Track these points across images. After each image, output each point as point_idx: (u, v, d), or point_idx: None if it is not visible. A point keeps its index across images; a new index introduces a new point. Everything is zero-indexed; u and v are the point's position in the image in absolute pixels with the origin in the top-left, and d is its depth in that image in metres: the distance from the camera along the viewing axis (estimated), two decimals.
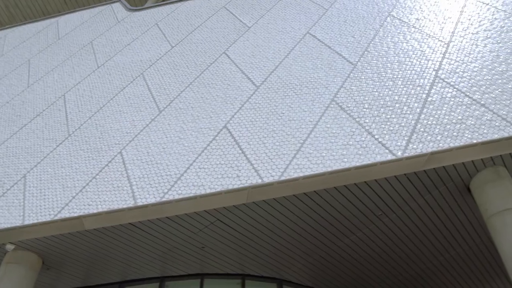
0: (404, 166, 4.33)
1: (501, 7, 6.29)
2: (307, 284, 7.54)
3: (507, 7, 6.26)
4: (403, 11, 6.49)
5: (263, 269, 6.86)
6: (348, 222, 6.01)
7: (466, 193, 5.78)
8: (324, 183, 4.28)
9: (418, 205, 5.90)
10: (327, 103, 4.90)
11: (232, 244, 6.03)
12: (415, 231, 6.52)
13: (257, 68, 5.66)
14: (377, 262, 7.23)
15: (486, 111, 4.59)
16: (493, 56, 5.36)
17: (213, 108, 5.08)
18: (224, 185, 4.11)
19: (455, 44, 5.63)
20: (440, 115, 4.58)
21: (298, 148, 4.36)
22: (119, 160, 4.86)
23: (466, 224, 6.55)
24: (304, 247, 6.42)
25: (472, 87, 4.93)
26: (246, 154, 4.39)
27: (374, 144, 4.32)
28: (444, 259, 7.46)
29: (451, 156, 4.38)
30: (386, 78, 5.16)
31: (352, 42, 5.90)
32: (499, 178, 5.25)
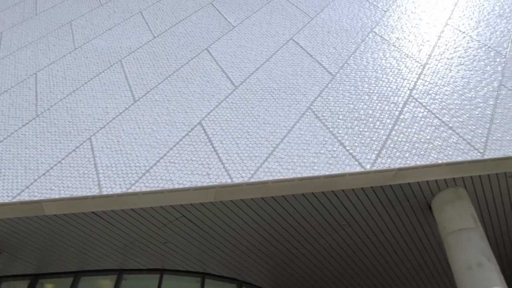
0: (371, 179, 4.43)
1: (475, 37, 6.57)
2: (266, 287, 7.58)
3: (481, 38, 6.55)
4: (385, 29, 6.66)
5: (223, 269, 6.85)
6: (312, 229, 6.10)
7: (427, 210, 5.99)
8: (293, 189, 4.32)
9: (381, 218, 6.06)
10: (303, 110, 4.95)
11: (195, 241, 5.98)
12: (376, 243, 6.69)
13: (237, 68, 5.66)
14: (336, 271, 7.36)
15: (453, 134, 4.77)
16: (464, 82, 5.59)
17: (189, 104, 5.03)
18: (193, 181, 4.08)
19: (431, 66, 5.83)
20: (410, 133, 4.72)
21: (270, 152, 4.39)
22: (87, 147, 4.73)
23: (424, 240, 6.78)
24: (267, 250, 6.46)
25: (443, 109, 5.12)
26: (218, 152, 4.37)
27: (345, 155, 4.41)
28: (400, 271, 7.69)
29: (416, 174, 4.52)
30: (363, 92, 5.28)
31: (333, 53, 6.00)
32: (459, 198, 5.47)
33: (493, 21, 7.01)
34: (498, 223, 6.68)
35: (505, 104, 5.25)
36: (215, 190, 4.11)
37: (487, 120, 4.98)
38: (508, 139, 4.75)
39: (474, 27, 6.84)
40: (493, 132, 4.83)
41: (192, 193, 4.10)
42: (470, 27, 6.85)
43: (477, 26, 6.87)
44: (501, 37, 6.60)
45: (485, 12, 7.28)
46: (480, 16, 7.15)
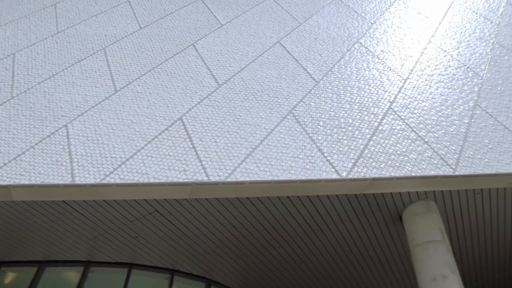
0: (346, 187, 4.50)
1: (456, 57, 6.77)
2: (235, 287, 7.57)
3: (461, 58, 6.76)
4: (371, 41, 6.78)
5: (193, 267, 6.80)
6: (285, 233, 6.13)
7: (398, 221, 6.12)
8: (269, 191, 4.34)
9: (353, 225, 6.15)
10: (284, 114, 4.98)
11: (166, 237, 5.92)
12: (346, 250, 6.79)
13: (222, 66, 5.64)
14: (305, 275, 7.43)
15: (428, 148, 4.90)
16: (442, 99, 5.75)
17: (171, 98, 4.98)
18: (169, 177, 4.04)
19: (412, 81, 5.97)
20: (387, 145, 4.82)
21: (249, 153, 4.39)
22: (63, 133, 4.61)
23: (393, 249, 6.93)
24: (238, 251, 6.46)
25: (420, 124, 5.25)
26: (196, 149, 4.34)
27: (322, 161, 4.46)
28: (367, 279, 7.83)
29: (390, 185, 4.62)
30: (344, 101, 5.35)
31: (318, 60, 6.07)
32: (429, 211, 5.62)
33: (473, 43, 7.25)
34: (463, 237, 6.89)
35: (479, 123, 5.43)
36: (190, 187, 4.08)
37: (461, 138, 5.14)
38: (479, 157, 4.91)
39: (455, 47, 7.05)
40: (466, 149, 4.99)
41: (167, 188, 4.06)
42: (452, 46, 7.05)
43: (458, 46, 7.09)
44: (479, 59, 6.83)
45: (467, 34, 7.52)
46: (461, 37, 7.38)
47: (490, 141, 5.17)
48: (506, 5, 8.75)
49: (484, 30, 7.71)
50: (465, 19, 8.00)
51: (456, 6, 8.41)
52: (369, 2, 7.99)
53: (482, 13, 8.32)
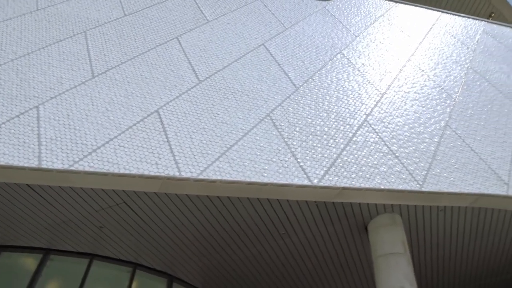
0: (316, 194, 4.56)
1: (432, 77, 6.99)
2: (197, 285, 7.53)
3: (437, 79, 6.99)
4: (353, 53, 6.91)
5: (157, 262, 6.72)
6: (252, 235, 6.15)
7: (363, 231, 6.26)
8: (240, 192, 4.34)
9: (319, 232, 6.24)
10: (262, 116, 5.00)
11: (132, 230, 5.83)
12: (311, 256, 6.88)
13: (205, 63, 5.61)
14: (269, 278, 7.47)
15: (398, 163, 5.04)
16: (416, 117, 5.92)
17: (150, 90, 4.91)
18: (140, 169, 3.97)
19: (388, 96, 6.13)
20: (359, 156, 4.92)
21: (223, 152, 4.38)
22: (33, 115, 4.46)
23: (356, 259, 7.07)
24: (204, 249, 6.43)
25: (392, 138, 5.38)
26: (170, 144, 4.30)
27: (295, 167, 4.50)
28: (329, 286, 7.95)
29: (359, 195, 4.71)
30: (322, 109, 5.43)
31: (300, 66, 6.13)
32: (394, 224, 5.78)
33: (450, 66, 7.51)
34: (424, 251, 7.12)
35: (448, 143, 5.62)
36: (161, 181, 4.03)
37: (430, 155, 5.31)
38: (445, 176, 5.09)
39: (432, 68, 7.28)
40: (434, 167, 5.15)
41: (137, 180, 3.99)
42: (429, 67, 7.28)
43: (435, 67, 7.33)
44: (454, 81, 7.09)
45: (444, 56, 7.78)
46: (439, 59, 7.63)
47: (457, 161, 5.37)
48: (482, 33, 9.12)
49: (460, 54, 8.01)
50: (444, 42, 8.28)
51: (436, 28, 8.69)
52: (355, 15, 8.15)
53: (460, 38, 8.63)
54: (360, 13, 8.31)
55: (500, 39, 9.26)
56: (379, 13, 8.57)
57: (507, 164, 5.63)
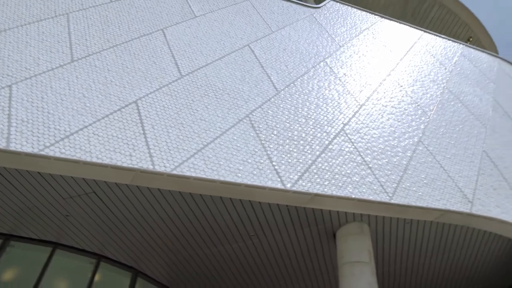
0: (289, 198, 4.59)
1: (410, 93, 7.19)
2: (162, 281, 7.44)
3: (414, 95, 7.19)
4: (336, 62, 7.01)
5: (122, 255, 6.60)
6: (222, 234, 6.14)
7: (331, 238, 6.35)
8: (213, 190, 4.32)
9: (288, 236, 6.29)
10: (241, 116, 5.01)
11: (99, 220, 5.71)
12: (278, 258, 6.93)
13: (188, 58, 5.57)
14: (235, 279, 7.47)
15: (371, 173, 5.14)
16: (391, 130, 6.07)
17: (130, 79, 4.83)
18: (113, 159, 3.90)
19: (366, 108, 6.25)
20: (333, 164, 4.99)
21: (199, 149, 4.36)
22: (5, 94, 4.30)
23: (322, 264, 7.17)
24: (172, 245, 6.37)
25: (367, 149, 5.49)
26: (146, 136, 4.24)
27: (270, 170, 4.53)
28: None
29: (330, 202, 4.78)
30: (301, 115, 5.48)
31: (283, 70, 6.17)
32: (361, 233, 5.90)
33: (427, 84, 7.74)
34: (388, 262, 7.29)
35: (419, 158, 5.79)
36: (134, 173, 3.96)
37: (401, 169, 5.45)
38: (414, 190, 5.23)
39: (410, 84, 7.48)
40: (404, 181, 5.29)
41: (109, 170, 3.91)
42: (408, 83, 7.48)
43: (413, 84, 7.53)
44: (430, 99, 7.31)
45: (423, 74, 8.01)
46: (417, 76, 7.85)
47: (426, 177, 5.53)
48: (460, 56, 9.45)
49: (438, 74, 8.26)
50: (424, 60, 8.52)
51: (418, 47, 8.94)
52: (341, 26, 8.28)
53: (439, 58, 8.91)
54: (346, 24, 8.45)
55: (476, 63, 9.61)
56: (365, 26, 8.74)
57: (472, 183, 5.85)
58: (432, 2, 14.23)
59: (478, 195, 5.69)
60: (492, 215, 5.53)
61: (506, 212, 5.70)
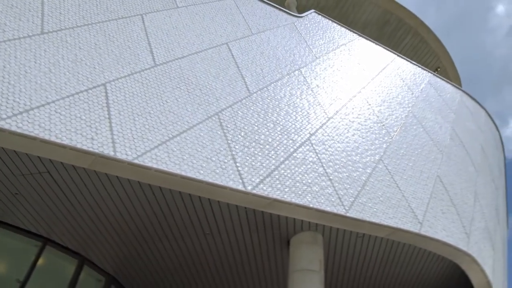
0: (248, 201, 4.61)
1: (377, 112, 7.43)
2: (109, 271, 7.24)
3: (380, 115, 7.44)
4: (310, 73, 7.14)
5: (70, 241, 6.37)
6: (176, 229, 6.07)
7: (285, 244, 6.44)
8: (173, 184, 4.27)
9: (243, 238, 6.31)
10: (210, 114, 4.99)
11: (50, 202, 5.48)
12: (231, 260, 6.93)
13: (164, 47, 5.48)
14: (185, 276, 7.39)
15: (330, 185, 5.26)
16: (355, 146, 6.24)
17: (101, 61, 4.69)
18: (74, 140, 3.76)
19: (334, 121, 6.40)
20: (296, 172, 5.07)
21: (164, 141, 4.29)
22: None
23: (274, 270, 7.24)
24: (124, 236, 6.22)
25: (330, 162, 5.62)
26: (112, 121, 4.12)
27: (233, 170, 4.53)
28: None
29: (288, 209, 4.84)
30: (270, 120, 5.53)
31: (258, 73, 6.21)
32: (315, 242, 6.01)
33: (394, 106, 8.04)
34: (337, 272, 7.47)
35: (378, 176, 5.99)
36: (93, 158, 3.85)
37: (360, 184, 5.61)
38: (370, 206, 5.40)
39: (378, 104, 7.74)
40: (361, 195, 5.45)
41: (68, 152, 3.77)
42: (376, 102, 7.73)
43: (381, 104, 7.79)
44: (395, 121, 7.58)
45: (391, 96, 8.31)
46: (386, 97, 8.13)
47: (382, 194, 5.73)
48: (427, 83, 9.88)
49: (405, 97, 8.60)
50: (393, 83, 8.84)
51: (389, 69, 9.27)
52: (320, 38, 8.44)
53: (408, 83, 9.28)
54: (325, 37, 8.63)
55: (441, 92, 10.09)
56: (342, 41, 8.96)
57: (424, 205, 6.12)
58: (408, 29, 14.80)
59: (427, 217, 5.96)
60: (438, 237, 5.81)
61: (450, 236, 6.01)
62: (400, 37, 15.01)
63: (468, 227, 6.65)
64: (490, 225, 7.84)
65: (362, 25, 14.49)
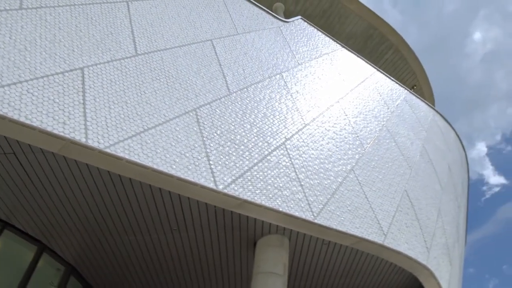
0: (218, 200, 4.60)
1: (352, 123, 7.58)
2: (69, 260, 7.04)
3: (356, 126, 7.59)
4: (291, 78, 7.20)
5: (31, 227, 6.16)
6: (143, 222, 5.98)
7: (251, 246, 6.45)
8: (144, 176, 4.21)
9: (210, 237, 6.29)
10: (188, 109, 4.95)
11: (12, 184, 5.29)
12: (195, 257, 6.88)
13: (147, 37, 5.40)
14: (148, 270, 7.28)
15: (301, 191, 5.32)
16: (328, 154, 6.34)
17: (81, 44, 4.56)
18: (44, 123, 3.64)
19: (310, 128, 6.48)
20: (268, 175, 5.09)
21: (138, 132, 4.23)
22: None
23: (238, 270, 7.24)
24: (88, 225, 6.07)
25: (302, 167, 5.68)
26: (86, 107, 4.02)
27: (206, 168, 4.51)
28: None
29: (258, 211, 4.86)
30: (247, 121, 5.55)
31: (240, 73, 6.21)
32: (281, 246, 6.06)
33: (369, 119, 8.22)
34: (300, 277, 7.55)
35: (348, 186, 6.10)
36: (64, 143, 3.74)
37: (330, 192, 5.70)
38: (338, 214, 5.50)
39: (355, 115, 7.89)
40: (330, 203, 5.54)
41: (37, 134, 3.65)
42: (352, 114, 7.88)
43: (357, 116, 7.95)
44: (369, 133, 7.75)
45: (367, 109, 8.49)
46: (362, 109, 8.30)
47: (351, 204, 5.84)
48: (402, 100, 10.17)
49: (380, 111, 8.81)
50: (371, 96, 9.05)
51: (368, 82, 9.47)
52: (304, 45, 8.53)
53: (384, 97, 9.51)
54: (309, 44, 8.73)
55: (415, 110, 10.40)
56: (325, 51, 9.09)
57: (389, 218, 6.28)
58: (390, 45, 15.18)
59: (392, 230, 6.12)
60: (400, 249, 5.97)
61: (412, 249, 6.20)
62: (382, 52, 15.37)
63: (429, 241, 6.88)
64: (449, 241, 8.14)
65: (346, 37, 14.75)
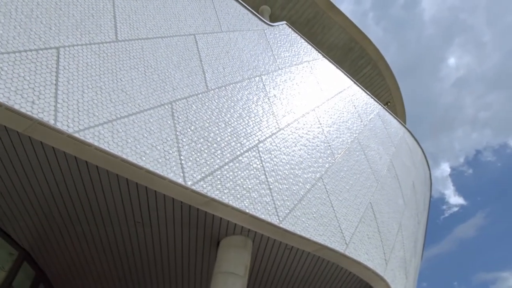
0: (186, 196, 4.57)
1: (326, 133, 7.71)
2: (24, 245, 6.79)
3: (329, 136, 7.72)
4: (270, 82, 7.25)
5: None
6: (106, 212, 5.85)
7: (214, 245, 6.43)
8: (112, 165, 4.12)
9: (174, 232, 6.22)
10: (164, 101, 4.89)
11: None
12: (157, 253, 6.78)
13: (129, 25, 5.30)
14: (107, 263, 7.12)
15: (269, 194, 5.36)
16: (299, 160, 6.42)
17: (59, 24, 4.42)
18: (12, 100, 3.50)
19: (284, 133, 6.54)
20: (238, 175, 5.10)
21: (111, 120, 4.14)
22: None
23: (198, 269, 7.19)
24: (48, 211, 5.87)
25: (273, 171, 5.72)
26: (58, 88, 3.90)
27: (176, 162, 4.47)
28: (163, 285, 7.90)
29: (224, 211, 4.86)
30: (222, 120, 5.54)
31: (220, 72, 6.20)
32: (244, 247, 6.07)
33: (342, 130, 8.38)
34: (260, 279, 7.59)
35: (315, 193, 6.19)
36: (30, 123, 3.61)
37: (297, 198, 5.76)
38: (303, 220, 5.57)
39: (329, 125, 8.03)
40: (296, 209, 5.61)
41: (3, 111, 3.51)
42: (326, 123, 8.01)
43: (331, 125, 8.09)
44: (341, 144, 7.91)
45: (341, 120, 8.66)
46: (336, 120, 8.46)
47: (316, 211, 5.93)
48: (376, 115, 10.44)
49: (354, 124, 9.00)
50: (346, 108, 9.23)
51: (344, 94, 9.67)
52: (286, 50, 8.61)
53: (359, 110, 9.73)
54: (291, 50, 8.82)
55: (387, 125, 10.69)
56: (306, 58, 9.21)
57: (352, 228, 6.42)
58: (369, 60, 15.55)
59: (354, 240, 6.25)
60: (360, 259, 6.12)
61: (371, 260, 6.36)
62: (361, 66, 15.73)
63: (388, 254, 7.08)
64: (407, 255, 8.40)
65: (328, 47, 15.00)
